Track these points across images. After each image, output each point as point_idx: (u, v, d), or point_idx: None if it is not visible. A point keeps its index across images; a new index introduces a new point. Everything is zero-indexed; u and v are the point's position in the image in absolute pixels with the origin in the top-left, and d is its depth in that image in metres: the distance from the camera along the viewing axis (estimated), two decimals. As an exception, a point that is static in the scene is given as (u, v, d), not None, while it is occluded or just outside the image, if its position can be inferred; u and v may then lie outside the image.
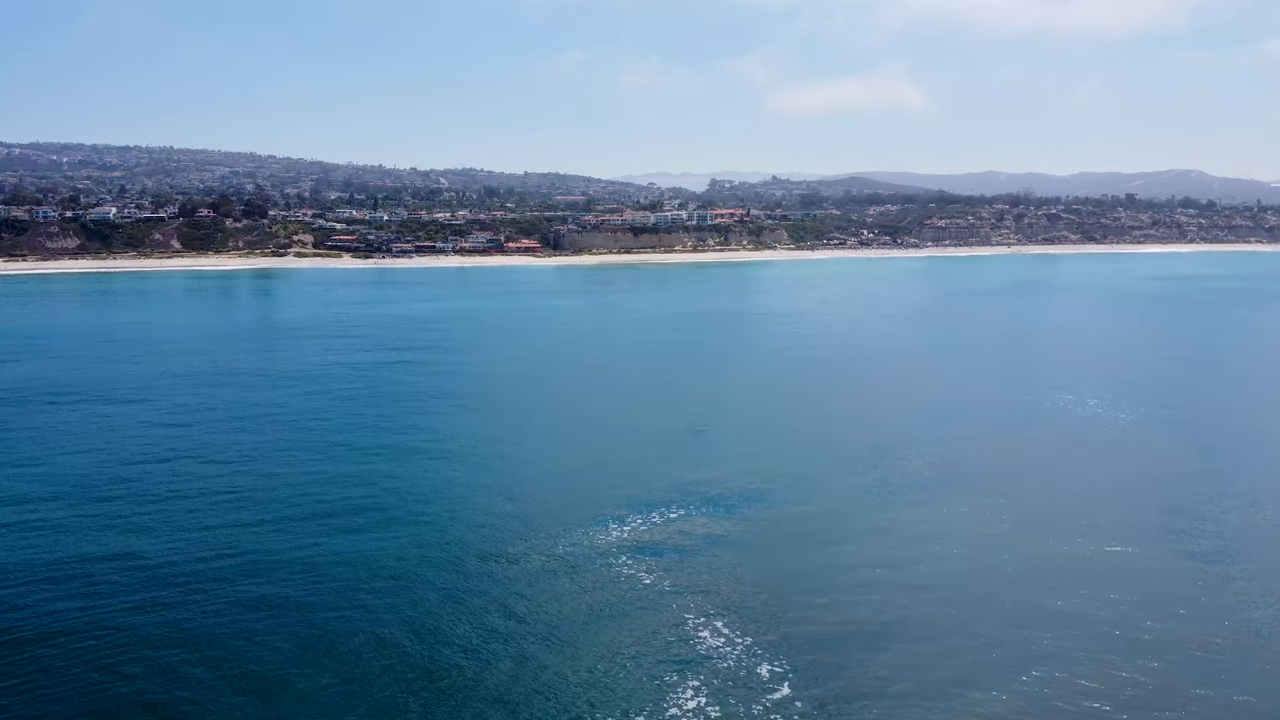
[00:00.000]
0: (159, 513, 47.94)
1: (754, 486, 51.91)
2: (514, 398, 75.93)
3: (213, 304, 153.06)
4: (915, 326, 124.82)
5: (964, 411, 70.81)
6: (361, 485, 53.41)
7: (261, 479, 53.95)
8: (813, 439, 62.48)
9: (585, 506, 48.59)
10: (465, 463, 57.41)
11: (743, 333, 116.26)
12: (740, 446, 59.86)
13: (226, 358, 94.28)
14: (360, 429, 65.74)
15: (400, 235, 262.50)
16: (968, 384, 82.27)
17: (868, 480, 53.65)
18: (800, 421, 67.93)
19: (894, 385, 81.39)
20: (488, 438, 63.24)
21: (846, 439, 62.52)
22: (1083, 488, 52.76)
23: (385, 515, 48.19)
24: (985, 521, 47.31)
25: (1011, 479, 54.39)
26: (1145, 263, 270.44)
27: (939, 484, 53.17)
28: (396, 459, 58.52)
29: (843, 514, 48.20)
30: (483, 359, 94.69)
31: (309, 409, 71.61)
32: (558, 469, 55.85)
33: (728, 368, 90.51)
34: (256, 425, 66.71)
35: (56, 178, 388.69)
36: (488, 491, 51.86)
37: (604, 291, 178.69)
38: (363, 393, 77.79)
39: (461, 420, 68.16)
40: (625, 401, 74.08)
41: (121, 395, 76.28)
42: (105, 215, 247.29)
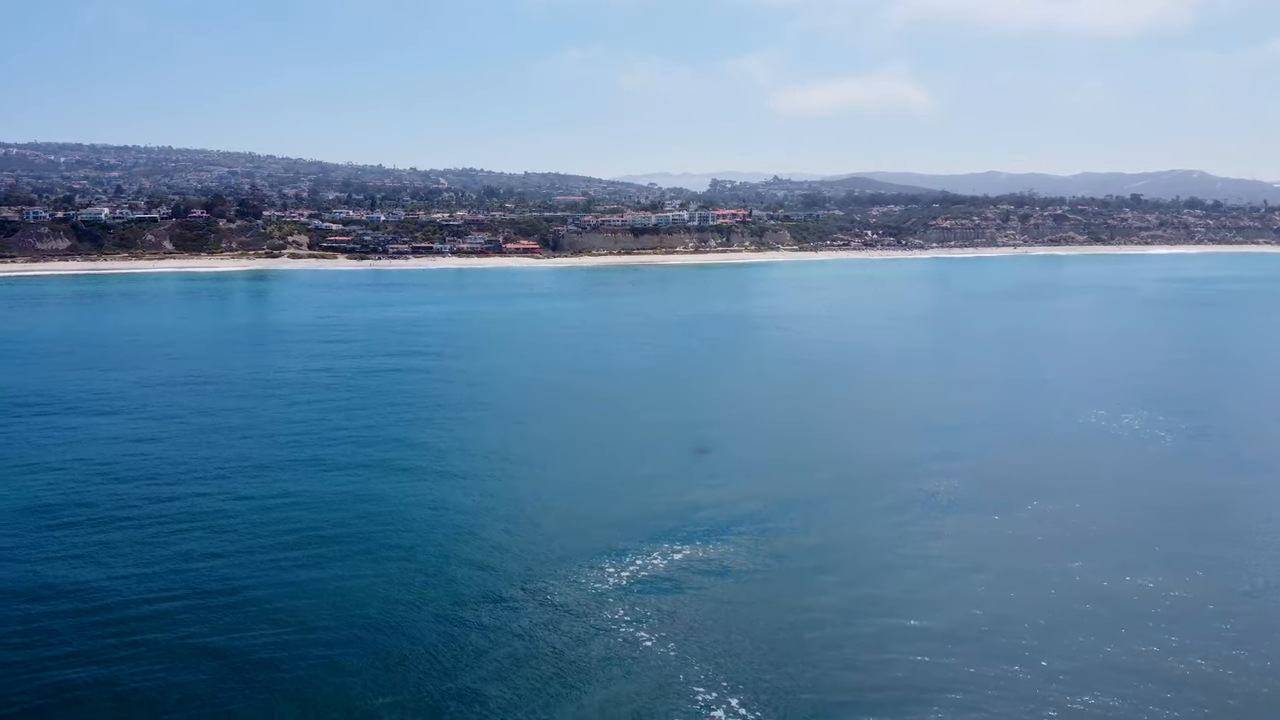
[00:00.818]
0: (106, 544, 43.62)
1: (760, 516, 47.48)
2: (506, 410, 71.61)
3: (199, 307, 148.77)
4: (927, 331, 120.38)
5: (986, 426, 66.32)
6: (337, 508, 49.16)
7: (227, 502, 49.66)
8: (823, 457, 58.05)
9: (579, 540, 44.24)
10: (451, 483, 53.10)
11: (747, 338, 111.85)
12: (745, 468, 55.43)
13: (206, 364, 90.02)
14: (341, 443, 61.47)
15: (397, 236, 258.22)
16: (988, 394, 77.64)
17: (884, 505, 49.29)
18: (809, 437, 63.54)
19: (908, 396, 76.92)
20: (477, 454, 58.95)
21: (860, 457, 58.12)
22: (1126, 513, 48.40)
23: (359, 545, 43.89)
24: (1017, 554, 42.95)
25: (1044, 504, 49.98)
26: (1154, 264, 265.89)
27: (961, 509, 48.81)
28: (377, 477, 54.27)
29: (857, 547, 43.81)
30: (475, 366, 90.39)
31: (288, 420, 67.35)
32: (551, 494, 51.49)
33: (731, 376, 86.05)
34: (229, 439, 62.45)
35: (53, 178, 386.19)
36: (474, 519, 47.54)
37: (604, 294, 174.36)
38: (347, 403, 73.50)
39: (449, 434, 63.86)
40: (624, 415, 69.68)
41: (90, 405, 72.02)
42: (97, 216, 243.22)
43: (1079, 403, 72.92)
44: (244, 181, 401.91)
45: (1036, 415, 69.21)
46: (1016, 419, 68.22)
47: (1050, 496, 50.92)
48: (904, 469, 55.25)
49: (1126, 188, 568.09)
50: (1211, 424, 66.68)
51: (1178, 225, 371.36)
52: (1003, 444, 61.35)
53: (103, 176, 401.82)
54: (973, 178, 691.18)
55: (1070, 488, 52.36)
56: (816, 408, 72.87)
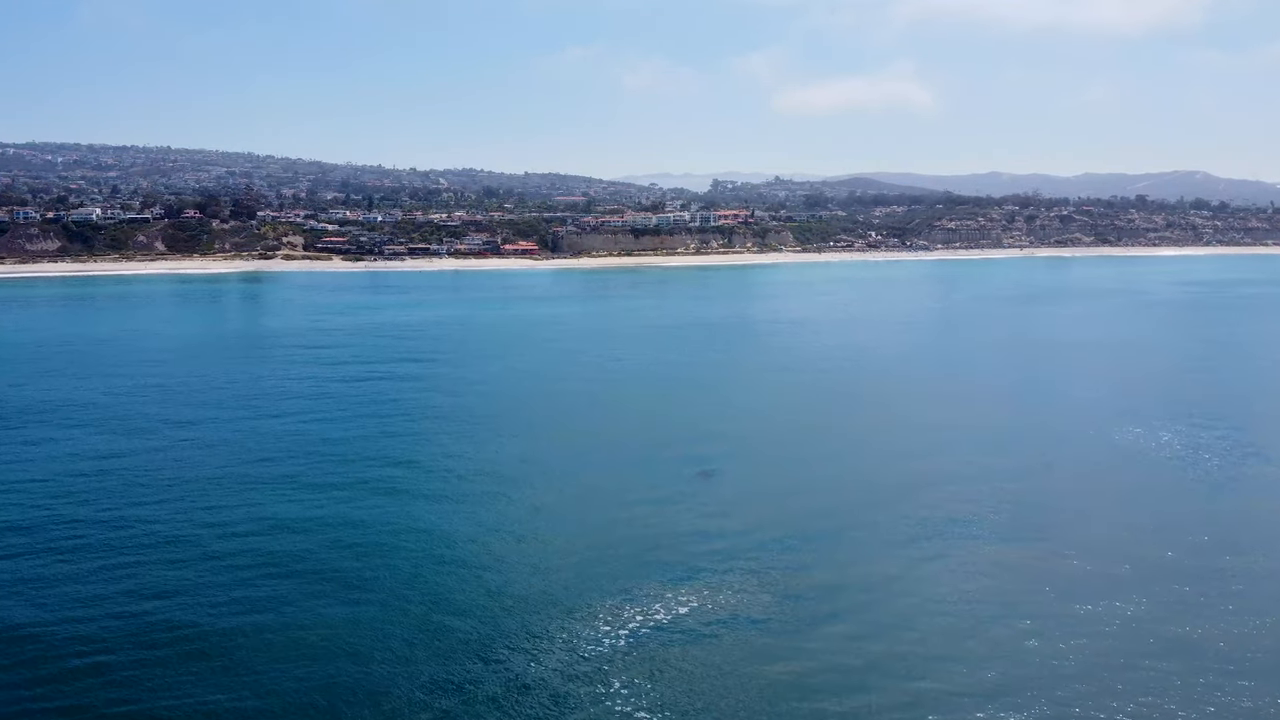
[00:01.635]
0: (43, 579, 39.06)
1: (769, 551, 42.83)
2: (498, 424, 67.08)
3: (185, 311, 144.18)
4: (941, 337, 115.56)
5: (1013, 443, 61.52)
6: (309, 535, 44.72)
7: (188, 528, 45.19)
8: (837, 480, 53.27)
9: (570, 582, 39.70)
10: (435, 508, 48.60)
11: (753, 344, 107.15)
12: (753, 493, 50.54)
13: (184, 372, 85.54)
14: (319, 459, 56.99)
15: (394, 237, 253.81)
16: (1011, 408, 72.66)
17: (905, 536, 44.69)
18: (822, 455, 58.80)
19: (928, 409, 72.20)
20: (464, 474, 54.46)
21: (877, 479, 53.42)
22: (1180, 543, 43.76)
23: (330, 582, 39.42)
24: (1061, 593, 38.37)
25: (1085, 533, 45.40)
26: (1164, 266, 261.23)
27: (993, 540, 44.25)
28: (355, 499, 49.82)
29: (878, 588, 39.16)
30: (467, 376, 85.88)
31: (264, 434, 62.88)
32: (542, 526, 46.94)
33: (738, 386, 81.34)
34: (198, 454, 58.00)
35: (50, 178, 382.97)
36: (456, 550, 43.04)
37: (603, 297, 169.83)
38: (328, 414, 69.00)
39: (435, 450, 59.37)
40: (623, 430, 65.01)
41: (55, 416, 67.56)
42: (87, 216, 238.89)
43: (1110, 417, 68.13)
44: (242, 182, 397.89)
45: (1067, 432, 64.40)
46: (1045, 436, 63.44)
47: (1091, 524, 46.37)
48: (926, 493, 50.69)
49: (1129, 188, 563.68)
50: (1257, 441, 61.95)
51: (1185, 226, 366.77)
52: (1032, 464, 56.73)
53: (100, 176, 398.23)
54: (974, 178, 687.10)
55: (1112, 514, 47.81)
56: (828, 422, 68.19)
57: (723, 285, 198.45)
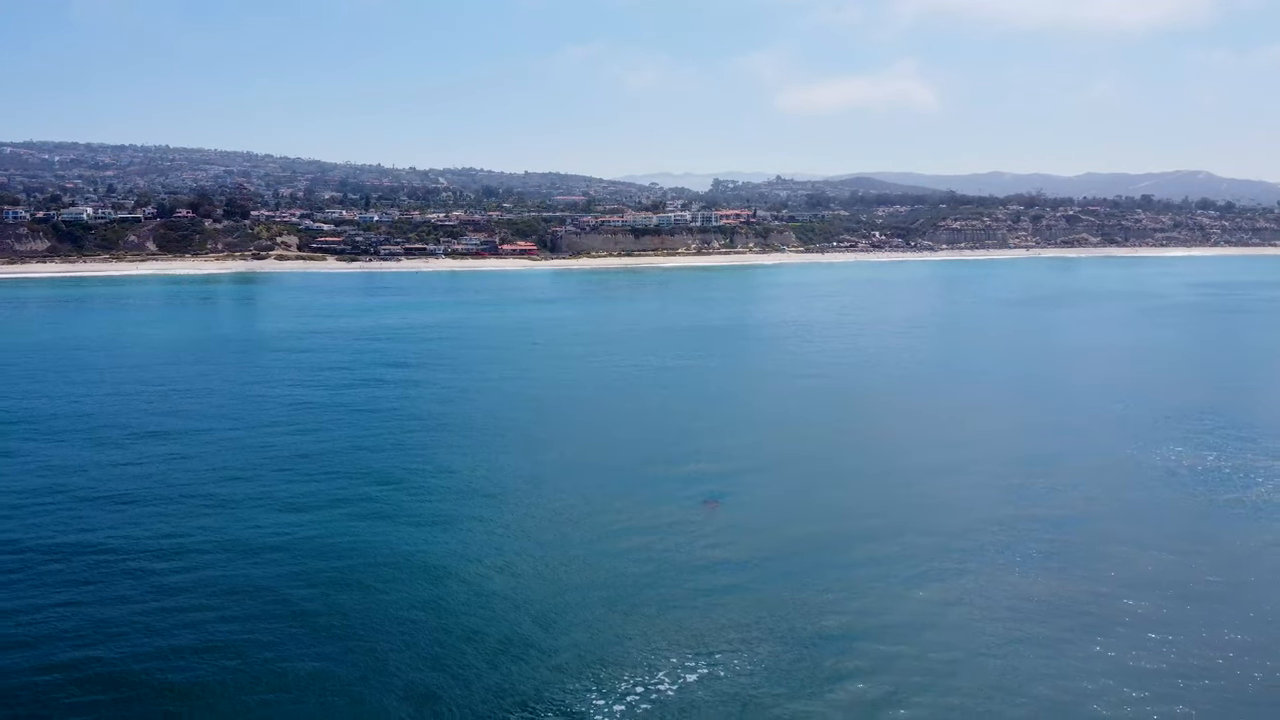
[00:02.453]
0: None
1: (785, 590, 38.22)
2: (488, 438, 62.54)
3: (170, 313, 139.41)
4: (957, 343, 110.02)
5: (1047, 464, 56.17)
6: (270, 564, 40.37)
7: (138, 558, 40.73)
8: (856, 510, 48.03)
9: (562, 630, 35.23)
10: (414, 533, 44.10)
11: (758, 352, 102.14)
12: (763, 526, 45.33)
13: (160, 379, 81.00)
14: (295, 478, 52.51)
15: (390, 237, 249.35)
16: (1042, 422, 66.95)
17: (936, 569, 40.01)
18: (838, 479, 53.73)
19: (949, 423, 67.41)
20: (450, 495, 50.00)
21: (900, 504, 48.30)
22: (1257, 589, 39.30)
23: (290, 622, 34.98)
24: (1122, 644, 33.86)
25: (1136, 573, 40.83)
26: (1174, 268, 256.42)
27: (1035, 578, 39.65)
28: (328, 523, 45.41)
29: (909, 636, 34.62)
30: (458, 386, 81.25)
31: (238, 447, 58.41)
32: (533, 558, 42.42)
33: (745, 399, 76.21)
34: (163, 469, 53.61)
35: (47, 177, 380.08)
36: (439, 587, 38.56)
37: (603, 299, 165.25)
38: (307, 426, 64.46)
39: (418, 465, 54.86)
40: (623, 449, 59.95)
41: (16, 429, 63.02)
42: (78, 216, 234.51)
43: (1149, 434, 63.01)
44: (241, 181, 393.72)
45: (1103, 450, 59.03)
46: (1080, 455, 58.22)
47: (1138, 556, 41.80)
48: (952, 518, 46.13)
49: (1131, 188, 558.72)
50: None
51: (1192, 227, 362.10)
52: (1067, 487, 52.03)
53: (97, 176, 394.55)
54: (976, 178, 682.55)
55: (1160, 543, 43.22)
56: (843, 437, 63.38)
57: (725, 286, 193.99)
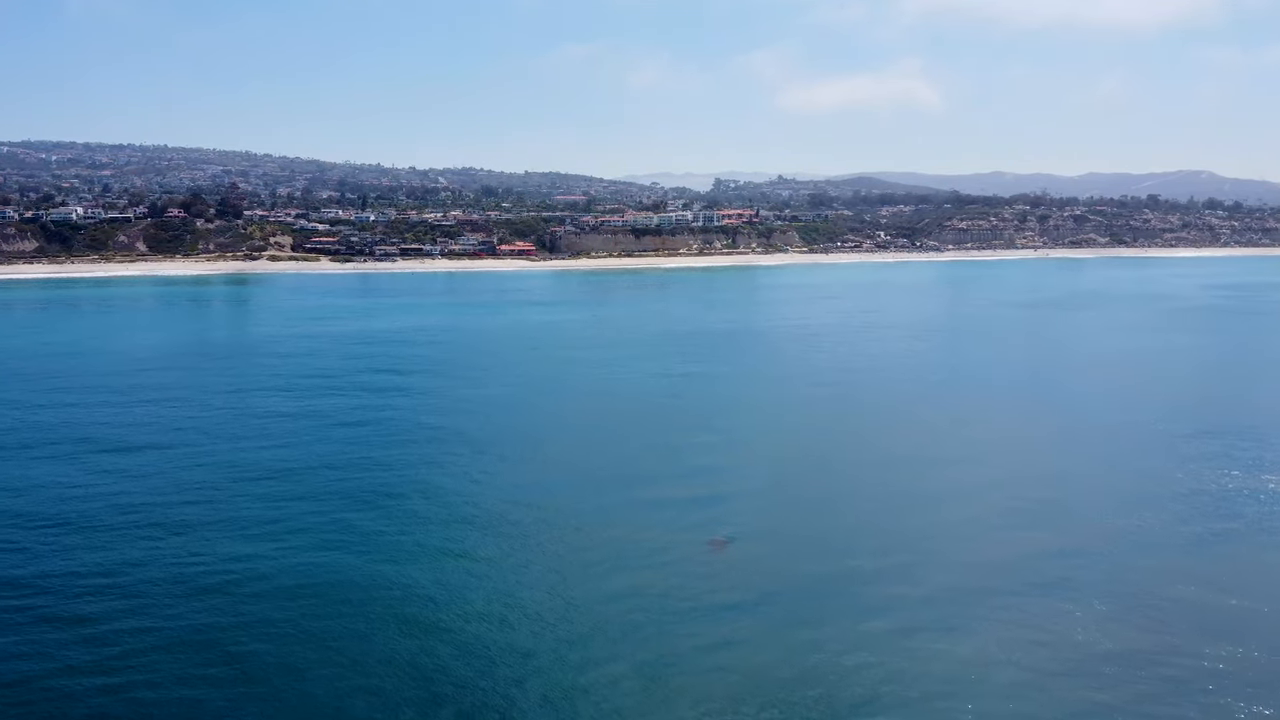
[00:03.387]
0: None
1: (809, 673, 33.22)
2: (477, 457, 57.58)
3: (153, 316, 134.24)
4: (975, 351, 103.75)
5: (1098, 494, 51.20)
6: (223, 610, 35.67)
7: (79, 599, 35.88)
8: (885, 546, 42.44)
9: (553, 700, 30.32)
10: (374, 578, 39.17)
11: (765, 358, 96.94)
12: (778, 569, 39.91)
13: (133, 387, 76.04)
14: (262, 498, 47.70)
15: (386, 237, 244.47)
16: (1082, 442, 61.06)
17: (990, 644, 34.49)
18: (860, 507, 48.32)
19: (979, 441, 62.11)
20: (433, 522, 45.13)
21: (936, 548, 42.23)
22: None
23: (246, 685, 30.06)
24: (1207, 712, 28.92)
25: (1208, 623, 35.91)
26: (1186, 269, 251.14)
27: (1096, 629, 34.77)
28: (296, 554, 40.77)
29: (950, 694, 29.78)
30: (446, 399, 76.27)
31: (205, 463, 53.63)
32: (520, 603, 37.50)
33: (751, 412, 70.76)
34: (120, 489, 48.97)
35: (44, 176, 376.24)
36: (395, 649, 33.64)
37: (602, 302, 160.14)
38: (284, 440, 59.57)
39: (400, 487, 49.97)
40: (621, 475, 54.34)
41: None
42: (67, 216, 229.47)
43: (1197, 454, 57.72)
44: (238, 181, 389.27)
45: (1152, 475, 53.78)
46: (1126, 481, 52.46)
47: (1207, 602, 36.88)
48: (992, 562, 40.96)
49: (1133, 188, 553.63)
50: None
51: (1201, 227, 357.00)
52: (1122, 520, 46.84)
53: (94, 175, 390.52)
54: (978, 178, 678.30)
55: (1232, 586, 38.29)
56: (861, 458, 57.96)
57: (728, 288, 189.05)
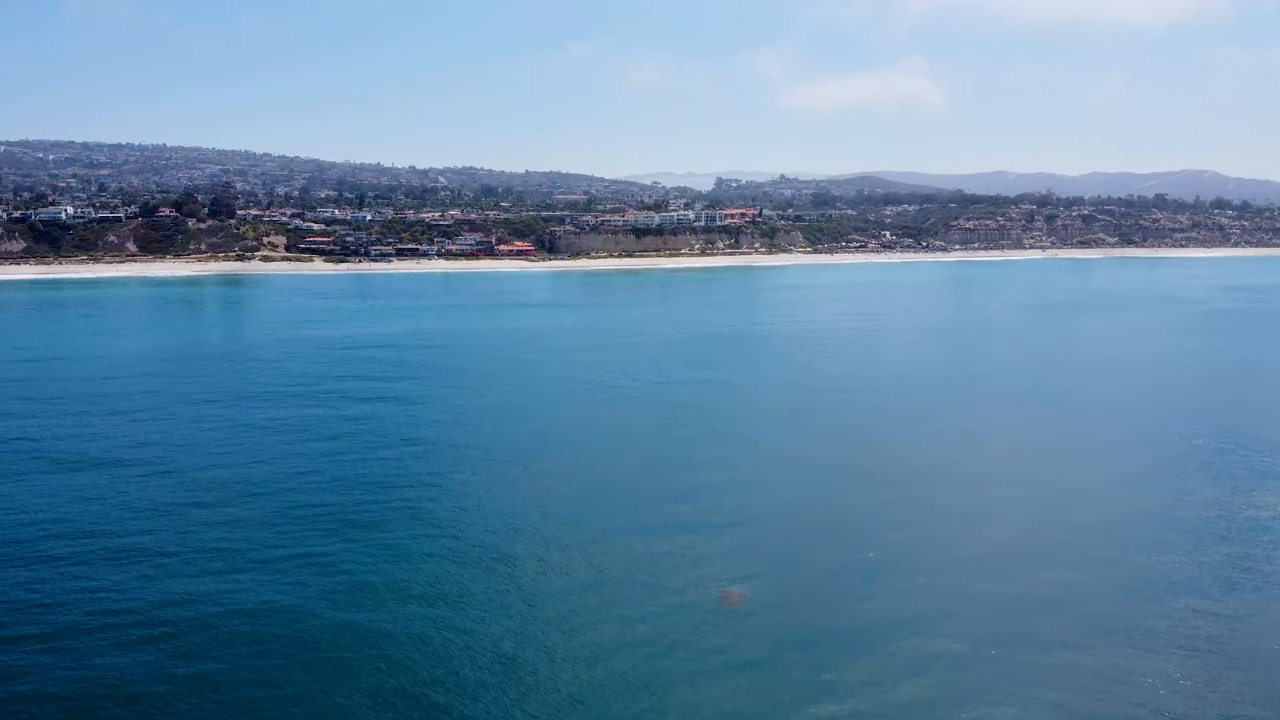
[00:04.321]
0: None
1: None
2: (458, 487, 52.46)
3: (132, 320, 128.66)
4: (994, 357, 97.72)
5: (1148, 519, 46.27)
6: (149, 662, 30.76)
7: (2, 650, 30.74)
8: (920, 590, 37.59)
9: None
10: (339, 627, 34.09)
11: (773, 366, 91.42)
12: (804, 628, 34.59)
13: (86, 401, 70.85)
14: (226, 523, 42.53)
15: (382, 237, 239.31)
16: (1126, 465, 55.49)
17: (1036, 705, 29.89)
18: (891, 544, 42.84)
19: (1021, 460, 56.85)
20: (398, 559, 40.00)
21: (986, 598, 37.26)
22: None
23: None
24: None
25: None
26: (1200, 269, 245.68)
27: (1181, 704, 29.67)
28: (237, 595, 35.54)
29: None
30: (433, 412, 71.07)
31: (167, 483, 48.56)
32: (494, 685, 32.41)
33: (761, 428, 65.08)
34: (66, 512, 43.71)
35: (41, 176, 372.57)
36: (393, 708, 28.54)
37: (602, 304, 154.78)
38: (253, 457, 54.45)
39: (367, 518, 44.84)
40: (619, 502, 49.01)
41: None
42: (56, 215, 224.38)
43: (1255, 477, 52.84)
44: (236, 180, 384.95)
45: (1209, 503, 48.87)
46: (1192, 518, 47.41)
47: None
48: (1049, 622, 35.91)
49: (1137, 187, 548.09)
50: None
51: (1211, 227, 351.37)
52: (1195, 560, 41.81)
53: (91, 175, 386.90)
54: (981, 177, 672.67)
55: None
56: (888, 485, 52.55)
57: (731, 290, 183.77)
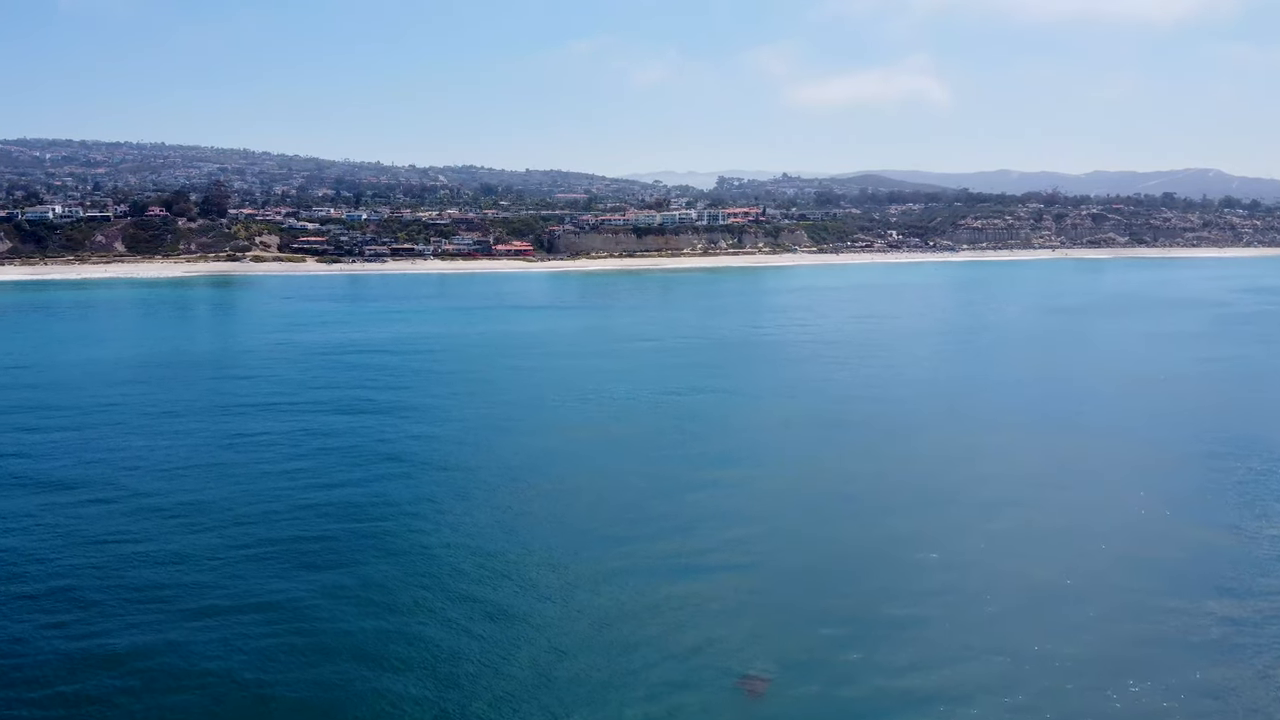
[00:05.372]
0: None
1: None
2: (430, 533, 46.78)
3: (110, 323, 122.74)
4: (1027, 365, 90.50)
5: (1252, 570, 40.46)
6: None
7: None
8: (978, 659, 32.40)
9: None
10: (284, 706, 28.39)
11: (785, 378, 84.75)
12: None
13: (43, 413, 65.11)
14: (178, 561, 36.80)
15: (377, 236, 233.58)
16: (1190, 488, 50.34)
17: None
18: (934, 607, 36.95)
19: (1066, 487, 51.43)
20: (357, 613, 34.29)
21: (1052, 662, 32.19)
22: None
23: None
24: None
25: None
26: (1214, 269, 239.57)
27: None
28: (209, 638, 29.80)
29: None
30: (411, 431, 65.44)
31: (124, 509, 42.74)
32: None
33: (775, 455, 58.69)
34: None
35: (37, 174, 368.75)
36: None
37: (600, 307, 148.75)
38: (205, 481, 48.73)
39: (323, 559, 39.14)
40: (613, 564, 42.70)
41: None
42: (42, 215, 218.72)
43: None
44: (234, 179, 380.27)
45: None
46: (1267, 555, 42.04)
47: None
48: (1127, 688, 30.27)
49: (1140, 186, 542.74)
50: None
51: (1223, 226, 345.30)
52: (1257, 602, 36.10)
53: (88, 174, 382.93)
54: (984, 176, 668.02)
55: None
56: (922, 520, 46.77)
57: (735, 291, 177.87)
